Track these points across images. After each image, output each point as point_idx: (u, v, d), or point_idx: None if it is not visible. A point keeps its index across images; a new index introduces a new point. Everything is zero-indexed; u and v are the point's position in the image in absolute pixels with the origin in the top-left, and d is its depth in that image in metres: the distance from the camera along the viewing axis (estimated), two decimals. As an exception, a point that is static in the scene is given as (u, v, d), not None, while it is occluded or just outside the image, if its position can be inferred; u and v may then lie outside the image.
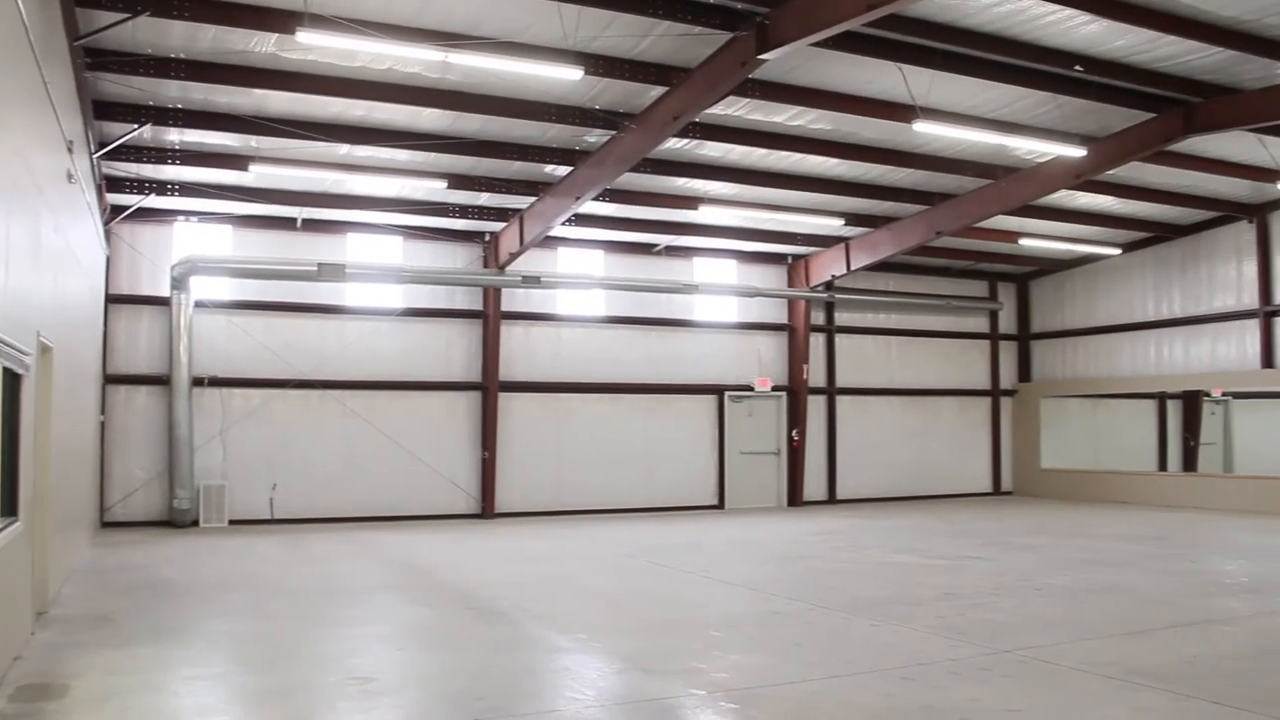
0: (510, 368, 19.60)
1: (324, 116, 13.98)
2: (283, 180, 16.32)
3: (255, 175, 15.67)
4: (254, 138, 14.34)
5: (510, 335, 19.66)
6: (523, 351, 19.84)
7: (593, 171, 15.26)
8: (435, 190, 16.81)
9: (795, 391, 22.27)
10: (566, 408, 20.21)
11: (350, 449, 18.39)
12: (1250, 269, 20.83)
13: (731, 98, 13.44)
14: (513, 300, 19.61)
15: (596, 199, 16.77)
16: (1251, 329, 20.75)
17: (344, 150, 15.00)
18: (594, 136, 14.90)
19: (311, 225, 18.20)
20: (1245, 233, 20.92)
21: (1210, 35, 12.26)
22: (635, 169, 15.50)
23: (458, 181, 16.38)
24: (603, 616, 9.64)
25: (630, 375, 20.78)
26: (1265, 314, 20.48)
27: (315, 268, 17.22)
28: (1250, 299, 20.81)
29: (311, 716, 6.32)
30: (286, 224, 18.05)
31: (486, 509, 19.15)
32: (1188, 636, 8.43)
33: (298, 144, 14.40)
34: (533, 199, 17.19)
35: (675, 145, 15.42)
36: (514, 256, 18.34)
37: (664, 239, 20.46)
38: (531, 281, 18.80)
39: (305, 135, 14.03)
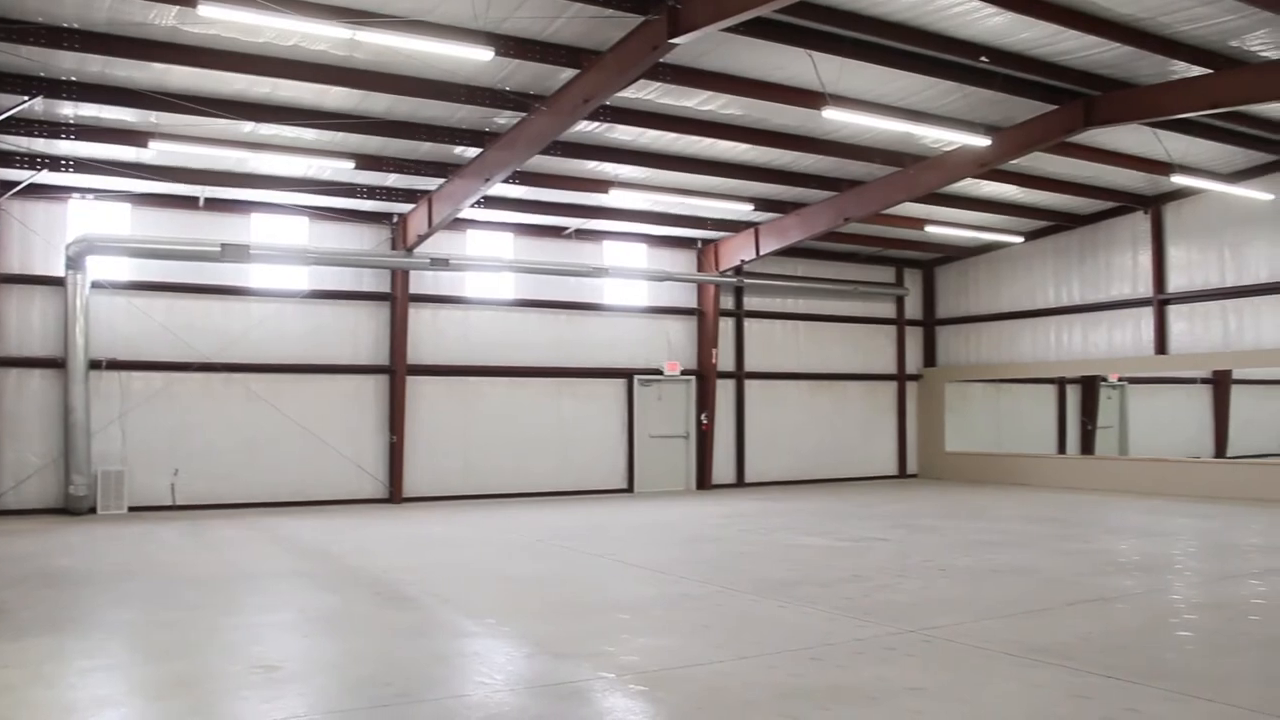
0: (418, 351, 19.40)
1: (228, 93, 13.65)
2: (184, 158, 15.91)
3: (155, 152, 15.27)
4: (154, 113, 13.93)
5: (418, 318, 19.46)
6: (431, 334, 19.65)
7: (503, 153, 15.14)
8: (342, 170, 16.55)
9: (704, 375, 22.40)
10: (476, 391, 20.08)
11: (255, 433, 18.06)
12: (1145, 258, 21.47)
13: (643, 81, 13.43)
14: (421, 282, 19.40)
15: (506, 181, 16.68)
16: (1146, 316, 21.40)
17: (248, 128, 14.67)
18: (504, 118, 14.77)
19: (215, 205, 17.78)
20: (1141, 223, 21.54)
21: (1109, 31, 12.60)
22: (545, 151, 15.40)
23: (365, 162, 16.12)
24: (512, 600, 9.61)
25: (540, 359, 20.71)
26: (1159, 302, 21.14)
27: (218, 248, 16.83)
28: (1145, 288, 21.45)
29: (214, 706, 6.19)
30: (189, 203, 17.62)
31: (394, 493, 18.97)
32: (1084, 614, 8.66)
33: (200, 121, 14.03)
34: (442, 180, 17.01)
35: (586, 128, 15.36)
36: (422, 238, 18.14)
37: (574, 222, 20.40)
38: (440, 264, 18.62)
39: (208, 112, 13.68)
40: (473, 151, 15.88)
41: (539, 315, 20.79)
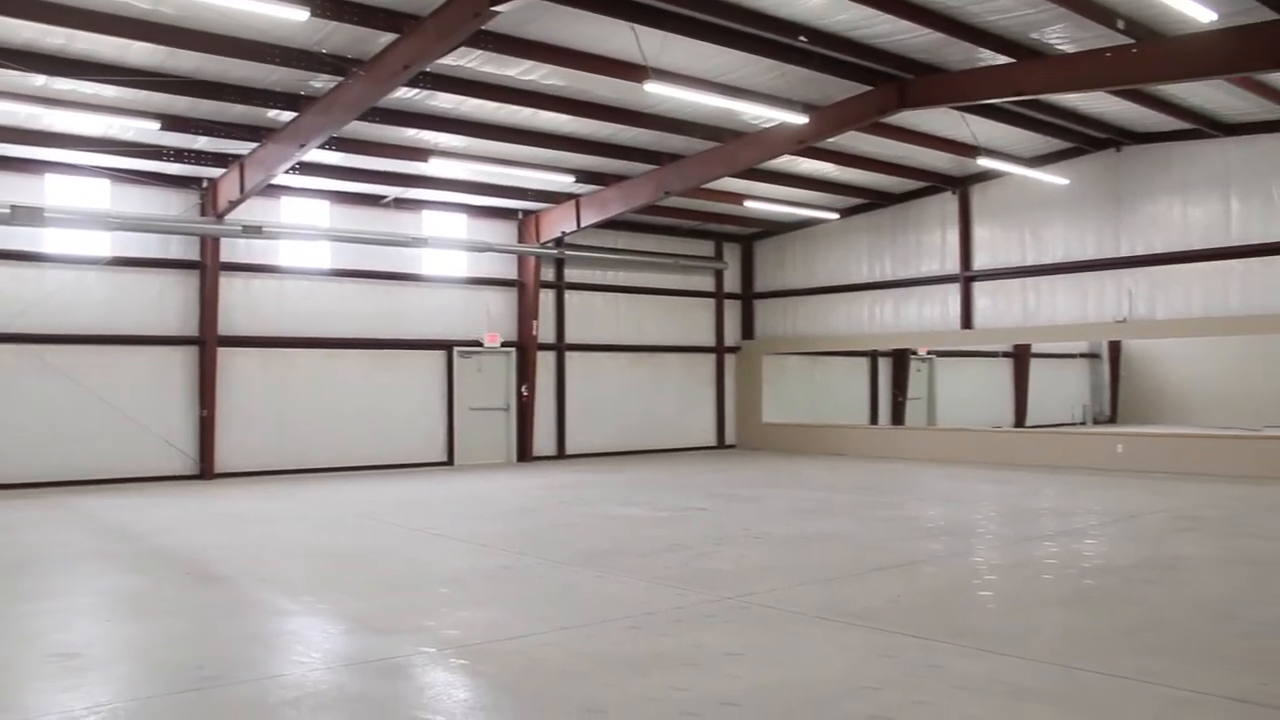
0: (230, 321, 18.70)
1: (16, 42, 12.73)
2: (-33, 112, 14.87)
3: (-67, 105, 14.21)
4: (-70, 62, 12.95)
5: (230, 287, 18.75)
6: (244, 304, 18.96)
7: (319, 118, 14.67)
8: (147, 131, 15.74)
9: (525, 347, 22.32)
10: (291, 363, 19.50)
11: (52, 408, 17.09)
12: (953, 237, 22.36)
13: (464, 49, 13.18)
14: (233, 250, 18.68)
15: (323, 147, 16.16)
16: (953, 292, 22.32)
17: (40, 81, 13.74)
18: (321, 82, 14.30)
19: (3, 163, 16.66)
20: (949, 203, 22.42)
21: (922, 17, 13.00)
22: (364, 118, 15.00)
23: (172, 123, 15.37)
24: (329, 577, 9.40)
25: (358, 330, 20.24)
26: (965, 279, 22.07)
27: (8, 210, 15.81)
28: (953, 265, 22.36)
29: (6, 699, 5.84)
30: (-26, 161, 16.52)
31: (206, 469, 18.28)
32: (893, 577, 9.00)
33: (-14, 73, 13.14)
34: (254, 145, 16.37)
35: (405, 95, 15.02)
36: (234, 204, 17.47)
37: (393, 191, 19.97)
38: (253, 231, 17.97)
39: (-6, 64, 12.81)
40: (287, 115, 15.34)
41: (357, 285, 20.31)
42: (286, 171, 16.87)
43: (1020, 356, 31.51)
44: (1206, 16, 11.67)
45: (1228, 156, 18.32)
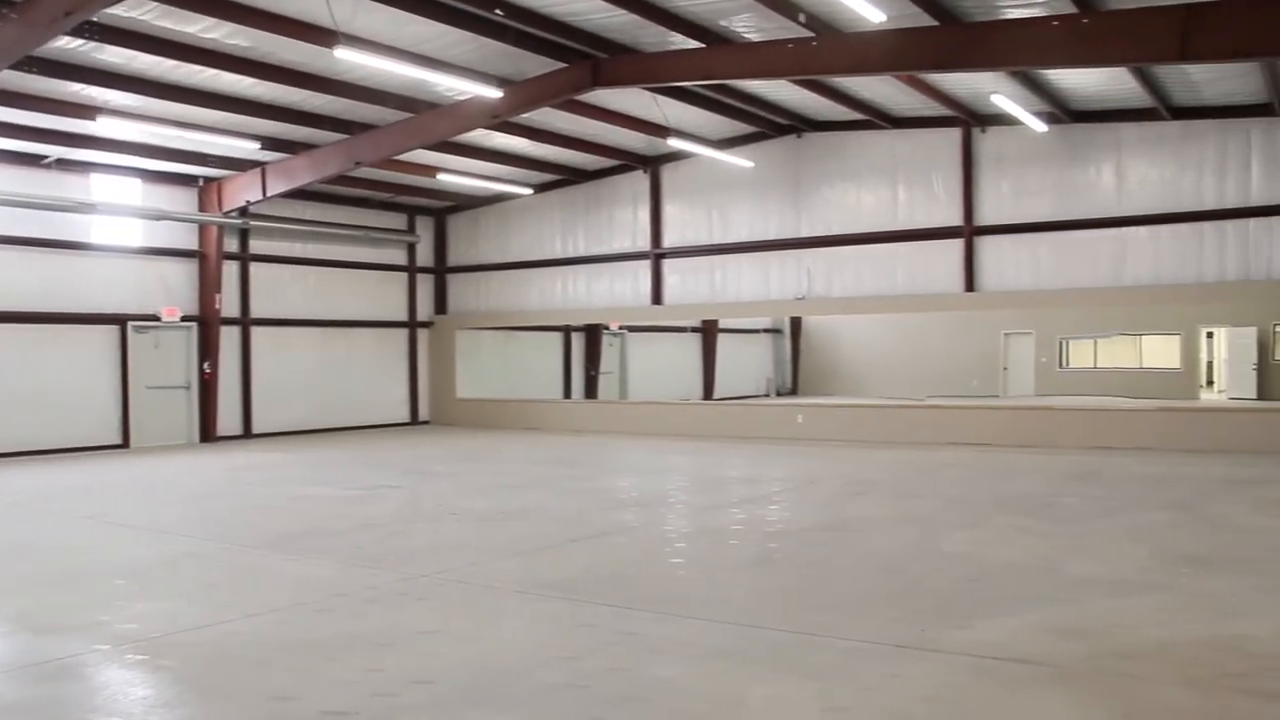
0: None
1: None
2: None
3: None
4: None
5: None
6: (-124, 273, 17.01)
7: (-38, 66, 13.29)
8: None
9: (207, 322, 21.16)
10: (-65, 339, 17.68)
11: None
12: (644, 215, 22.93)
13: (137, -1, 12.31)
14: None
15: (-30, 99, 14.71)
16: (644, 269, 22.89)
17: None
18: (-33, 27, 12.96)
19: None
20: (641, 182, 22.97)
21: (617, -2, 13.26)
22: (19, 67, 13.65)
23: None
24: (-18, 572, 8.61)
25: (17, 303, 18.49)
26: (656, 256, 22.69)
27: None
28: (644, 242, 22.93)
29: None
30: None
31: None
32: (587, 548, 9.15)
33: None
34: (-118, 92, 14.68)
35: (69, 45, 13.79)
36: None
37: (56, 150, 18.37)
38: (-112, 191, 16.15)
39: None
40: (-75, 61, 13.82)
41: (16, 253, 18.50)
42: (-73, 125, 15.23)
43: (708, 332, 32.84)
44: (877, 17, 12.49)
45: (895, 148, 19.70)
